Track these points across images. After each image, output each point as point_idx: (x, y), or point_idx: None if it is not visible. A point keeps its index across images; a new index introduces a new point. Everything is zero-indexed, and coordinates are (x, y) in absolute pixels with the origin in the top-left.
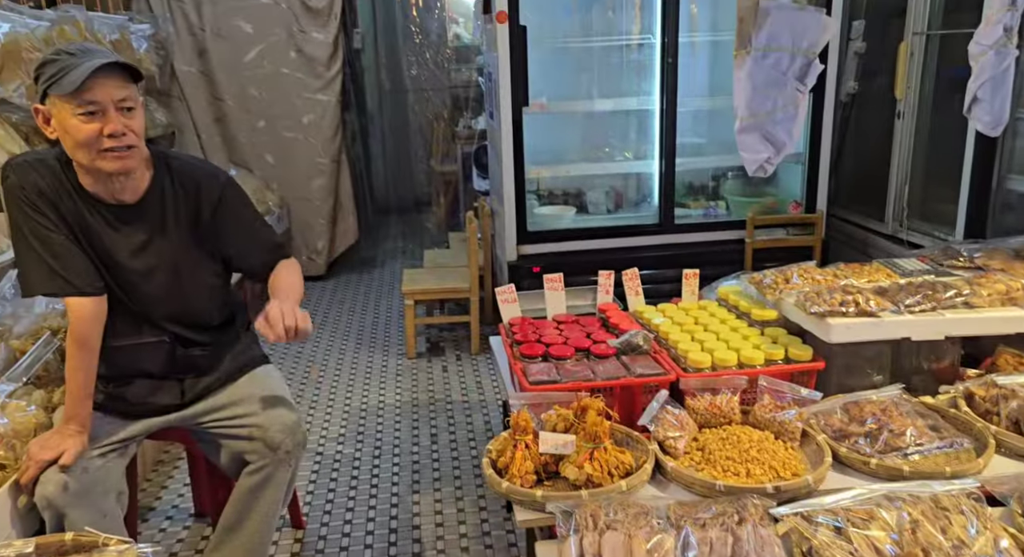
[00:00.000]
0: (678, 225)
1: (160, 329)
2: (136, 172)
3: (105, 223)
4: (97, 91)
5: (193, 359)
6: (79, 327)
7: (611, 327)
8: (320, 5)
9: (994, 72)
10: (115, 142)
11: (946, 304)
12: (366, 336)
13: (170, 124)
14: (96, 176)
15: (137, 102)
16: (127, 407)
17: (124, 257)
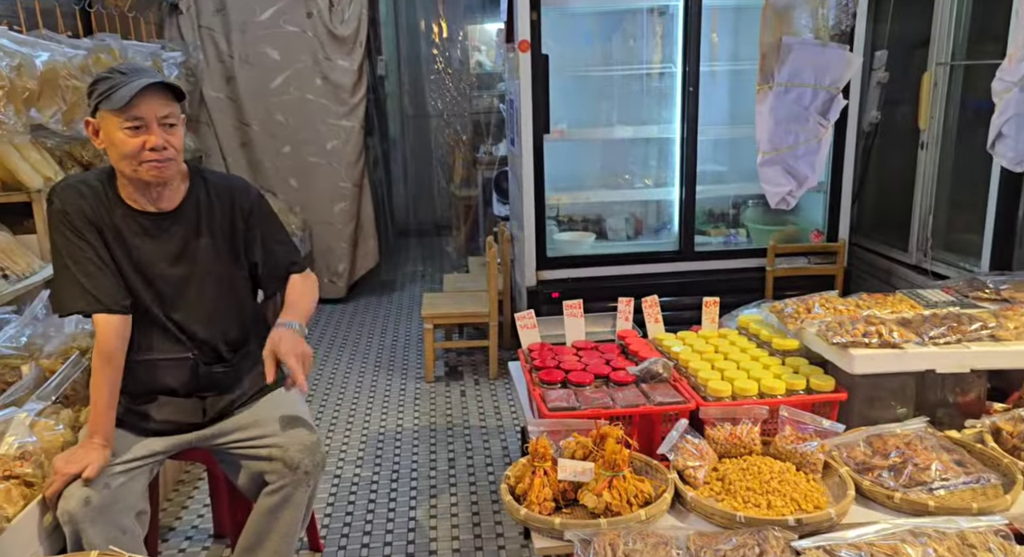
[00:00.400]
0: (698, 252)
1: (184, 346)
2: (173, 183)
3: (143, 232)
4: (143, 107)
5: (215, 377)
6: (105, 343)
7: (630, 354)
8: (346, 33)
9: (1019, 109)
10: (156, 154)
11: (971, 336)
12: (385, 359)
13: (198, 149)
14: (136, 186)
15: (179, 119)
16: (150, 424)
17: (160, 265)
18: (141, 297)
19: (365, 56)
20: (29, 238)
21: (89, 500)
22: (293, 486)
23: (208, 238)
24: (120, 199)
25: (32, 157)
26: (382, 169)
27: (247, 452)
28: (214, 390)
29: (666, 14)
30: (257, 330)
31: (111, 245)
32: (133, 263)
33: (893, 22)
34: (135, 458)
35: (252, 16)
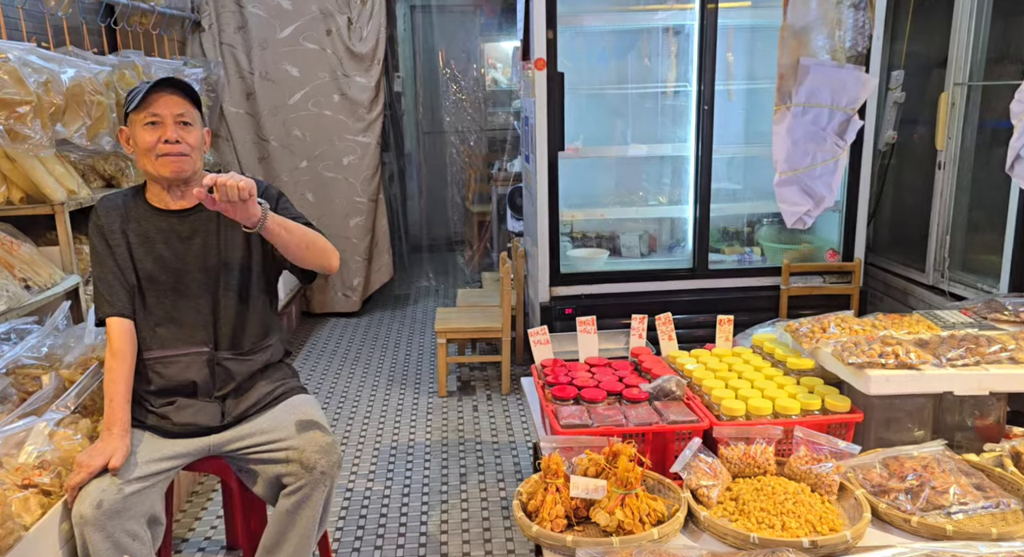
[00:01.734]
0: (712, 270)
1: (201, 339)
2: (193, 182)
3: (169, 228)
4: (159, 105)
5: (231, 372)
6: (118, 342)
7: (643, 372)
8: (364, 50)
9: None
10: (170, 147)
11: (990, 359)
12: (398, 373)
13: (216, 163)
14: (161, 185)
15: (195, 119)
16: (170, 426)
17: (184, 258)
18: (166, 293)
19: (383, 73)
20: (52, 250)
21: (101, 503)
22: (311, 487)
23: (228, 231)
24: (147, 203)
25: (56, 170)
26: (398, 184)
27: (264, 456)
28: (231, 384)
29: (681, 33)
30: (275, 327)
31: (137, 248)
32: (159, 259)
33: (910, 42)
34: (152, 460)
35: (273, 34)
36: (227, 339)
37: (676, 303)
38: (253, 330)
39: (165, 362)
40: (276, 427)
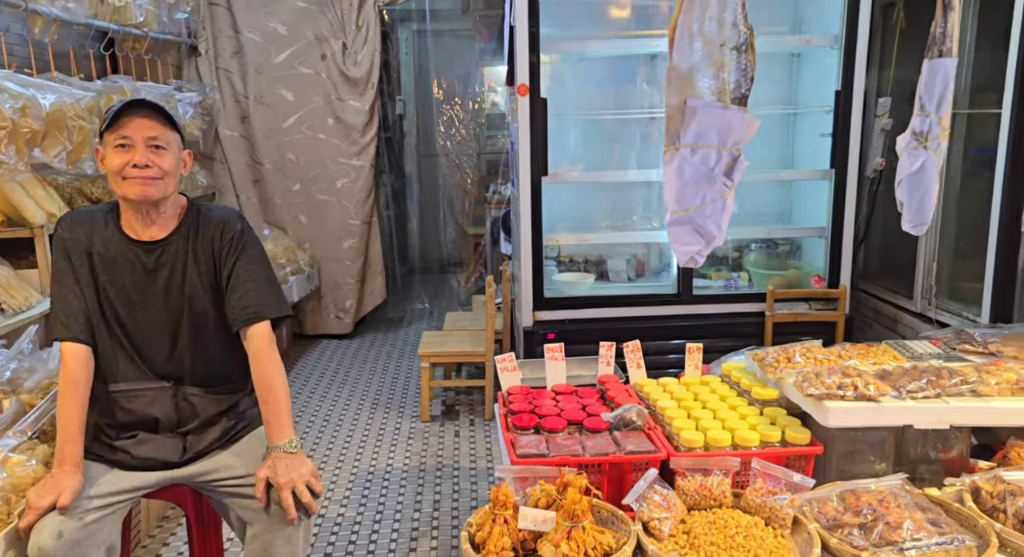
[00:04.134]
0: (696, 296)
1: (166, 374)
2: (164, 208)
3: (135, 259)
4: (130, 127)
5: (195, 407)
6: (73, 371)
7: (608, 400)
8: (358, 75)
9: (908, 172)
10: (138, 172)
11: (951, 391)
12: (383, 397)
13: (211, 185)
14: (132, 209)
15: (170, 143)
16: (128, 460)
17: (147, 295)
18: (126, 325)
19: (377, 97)
20: (30, 273)
21: (62, 534)
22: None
23: (194, 267)
24: (119, 228)
25: (37, 193)
26: (396, 207)
27: (232, 491)
28: (195, 421)
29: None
30: (241, 362)
31: (100, 273)
32: (122, 289)
33: (897, 69)
34: (111, 493)
35: (268, 58)
36: (191, 375)
37: (660, 329)
38: (219, 366)
39: (129, 396)
40: (245, 462)
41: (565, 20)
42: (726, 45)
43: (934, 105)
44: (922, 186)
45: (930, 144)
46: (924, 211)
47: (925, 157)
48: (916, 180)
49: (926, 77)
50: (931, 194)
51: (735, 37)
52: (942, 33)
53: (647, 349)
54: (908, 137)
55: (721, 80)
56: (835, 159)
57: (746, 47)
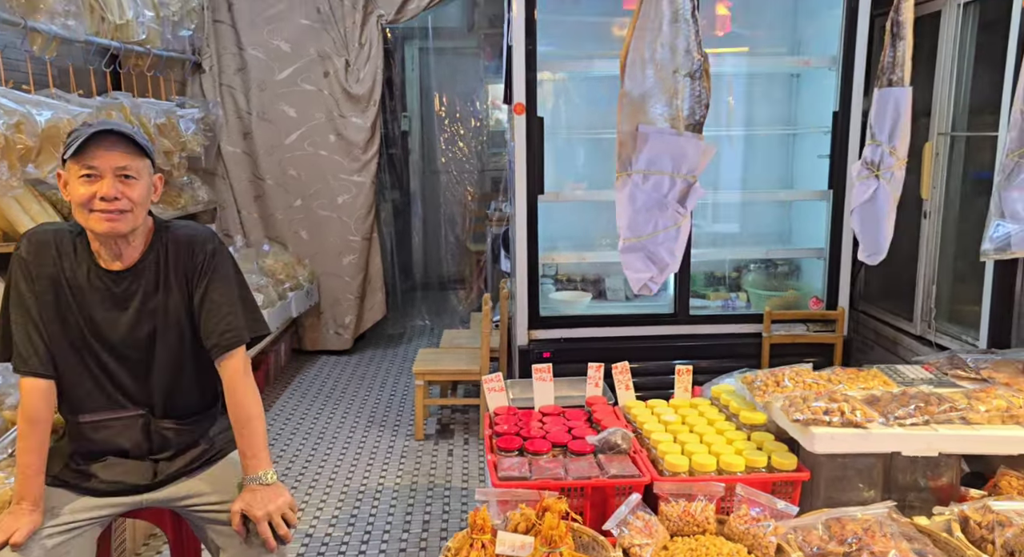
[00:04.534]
0: (693, 316)
1: (137, 403)
2: (132, 239)
3: (104, 289)
4: (98, 157)
5: (167, 436)
6: (32, 408)
7: (595, 422)
8: (361, 92)
9: (859, 201)
10: (106, 204)
11: (940, 418)
12: (379, 415)
13: (212, 201)
14: (99, 240)
15: (140, 172)
16: (95, 484)
17: (118, 323)
18: (98, 356)
19: (379, 114)
20: None
21: None
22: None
23: (165, 294)
24: (89, 253)
25: (32, 209)
26: (399, 222)
27: (208, 517)
28: (169, 450)
29: None
30: (215, 390)
31: (67, 301)
32: (90, 321)
33: None
34: (76, 519)
35: (271, 75)
36: (164, 404)
37: (656, 349)
38: (192, 396)
39: (97, 426)
40: (218, 488)
41: (563, 39)
42: (679, 72)
43: (885, 135)
44: (875, 216)
45: (883, 174)
46: (879, 241)
47: (877, 186)
48: (868, 210)
49: (876, 106)
50: (884, 224)
51: (688, 64)
52: (891, 62)
53: (643, 369)
54: (859, 166)
55: (674, 107)
56: (833, 180)
57: (700, 74)
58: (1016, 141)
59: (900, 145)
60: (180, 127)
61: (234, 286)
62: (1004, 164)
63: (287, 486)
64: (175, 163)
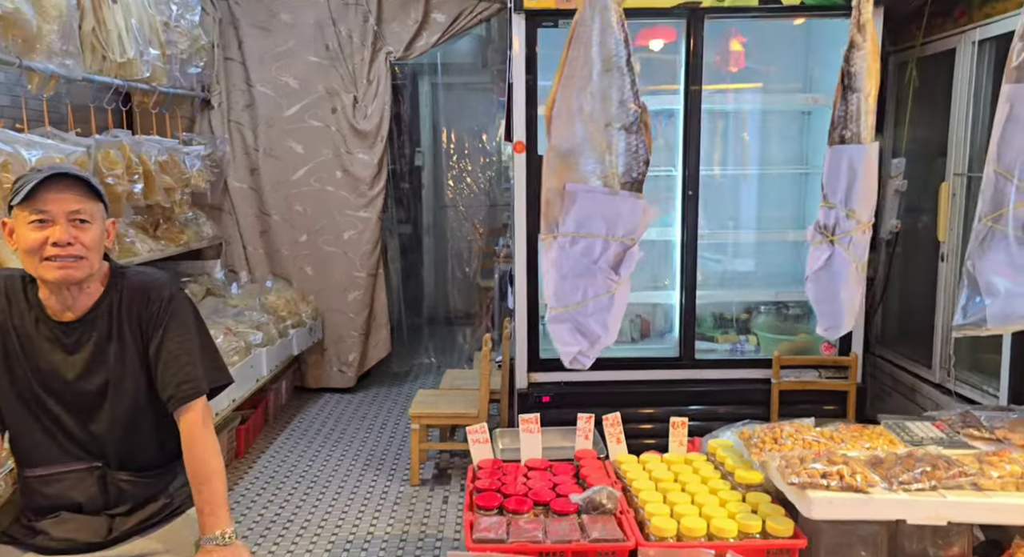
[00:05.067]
0: (698, 360)
1: (92, 455)
2: (87, 286)
3: (55, 340)
4: (49, 202)
5: (125, 489)
6: None
7: (581, 479)
8: (368, 128)
9: (813, 269)
10: (58, 250)
11: (948, 484)
12: (376, 457)
13: (217, 236)
14: (49, 288)
15: (94, 215)
16: (45, 542)
17: (69, 376)
18: (48, 408)
19: (386, 150)
20: None
21: None
22: None
23: (119, 344)
24: (39, 302)
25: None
26: (407, 258)
27: None
28: (126, 504)
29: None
30: (174, 441)
31: (15, 353)
32: (39, 372)
33: (912, 127)
34: None
35: (279, 112)
36: (120, 458)
37: (659, 394)
38: (150, 448)
39: (48, 480)
40: (172, 548)
41: None
42: (612, 125)
43: (839, 196)
44: (832, 285)
45: (839, 239)
46: (837, 313)
47: (832, 253)
48: (824, 278)
49: (828, 165)
50: (843, 294)
51: (623, 116)
52: (842, 117)
53: (645, 416)
54: (812, 230)
55: (608, 163)
56: None
57: (637, 127)
58: (990, 204)
59: (861, 207)
60: (185, 163)
61: (193, 334)
62: (977, 230)
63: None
64: (176, 200)
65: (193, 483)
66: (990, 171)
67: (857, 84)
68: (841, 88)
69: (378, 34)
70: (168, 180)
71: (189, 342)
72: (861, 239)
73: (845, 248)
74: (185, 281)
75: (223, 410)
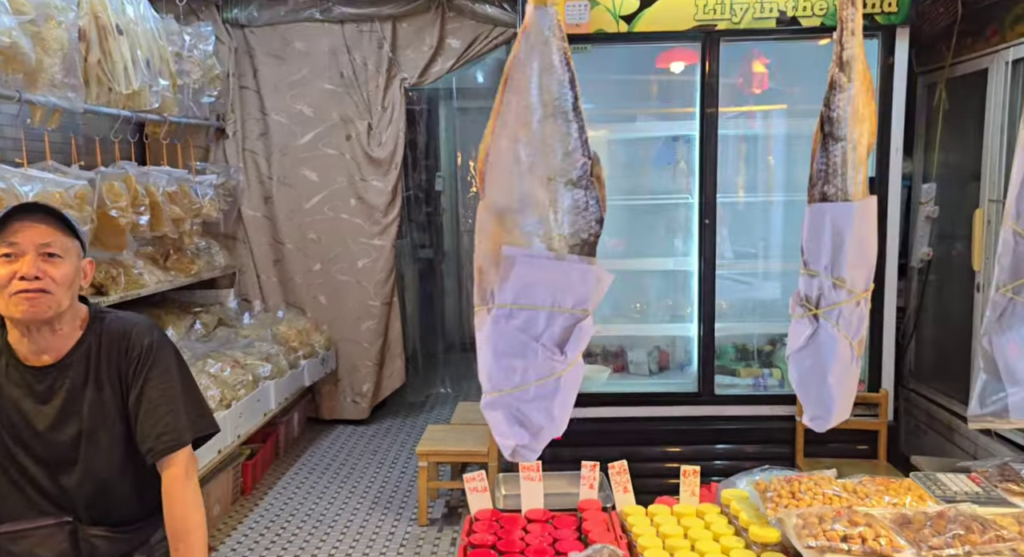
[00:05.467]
0: (719, 396)
1: (62, 509)
2: (58, 327)
3: (25, 386)
4: (19, 234)
5: (98, 546)
6: None
7: (583, 534)
8: (382, 155)
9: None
10: (26, 284)
11: (984, 550)
12: (386, 494)
13: (230, 265)
14: (20, 329)
15: (67, 251)
16: None
17: (40, 426)
18: (17, 459)
19: (400, 177)
20: None
21: None
22: None
23: (95, 392)
24: (8, 346)
25: None
26: (423, 286)
27: None
28: None
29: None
30: (153, 494)
31: None
32: (7, 422)
33: (942, 152)
34: None
35: (293, 140)
36: (94, 513)
37: (677, 432)
38: (129, 502)
39: (15, 537)
40: None
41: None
42: (556, 179)
43: (823, 262)
44: (817, 368)
45: (825, 313)
46: (824, 401)
47: (816, 329)
48: (807, 359)
49: (807, 226)
50: (831, 379)
51: (569, 169)
52: (823, 170)
53: (661, 454)
54: (793, 301)
55: (551, 222)
56: None
57: (587, 182)
58: (1009, 271)
59: (853, 274)
60: (195, 193)
61: (175, 381)
62: (995, 301)
63: None
64: (185, 230)
65: (171, 539)
66: (1008, 232)
67: (840, 132)
68: (821, 136)
69: (393, 61)
70: (177, 210)
71: (171, 390)
72: (855, 312)
73: (833, 323)
74: (197, 311)
75: (227, 447)
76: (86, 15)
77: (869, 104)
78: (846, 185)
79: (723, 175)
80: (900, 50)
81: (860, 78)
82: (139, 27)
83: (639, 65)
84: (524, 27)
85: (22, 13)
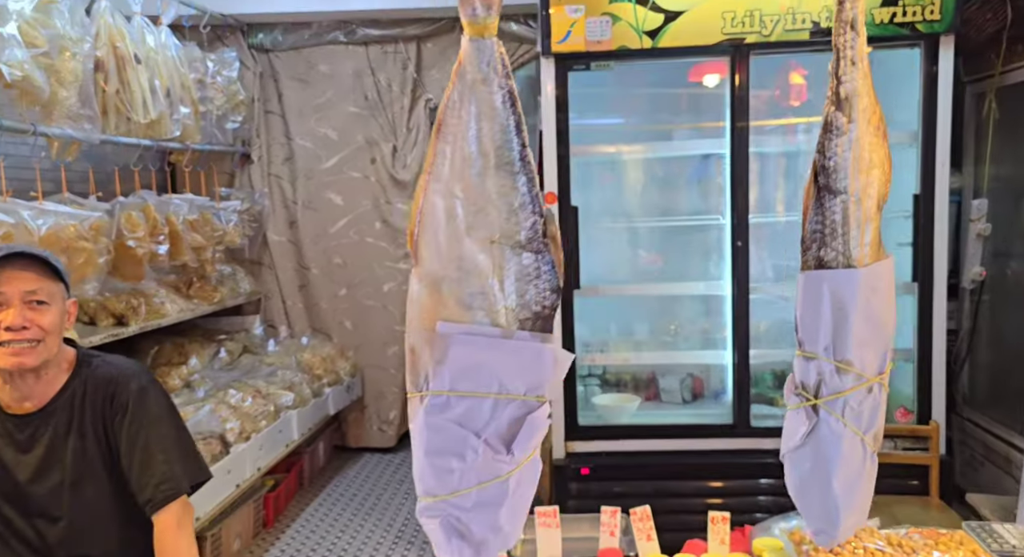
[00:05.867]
0: (755, 428)
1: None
2: (44, 373)
3: (6, 435)
4: (4, 281)
5: None
6: None
7: None
8: (407, 177)
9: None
10: (13, 335)
11: None
12: (410, 528)
13: (255, 291)
14: (3, 377)
15: (52, 296)
16: None
17: (19, 477)
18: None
19: None
20: None
21: None
22: None
23: (78, 440)
24: None
25: None
26: None
27: None
28: None
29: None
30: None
31: None
32: None
33: (993, 165)
34: None
35: (318, 164)
36: None
37: (711, 466)
38: (114, 553)
39: None
40: None
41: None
42: (499, 242)
43: (823, 343)
44: (820, 470)
45: (827, 404)
46: (829, 511)
47: (815, 424)
48: (805, 460)
49: (802, 297)
50: (836, 484)
51: (516, 229)
52: (818, 230)
53: (693, 490)
54: (788, 388)
55: (496, 293)
56: (917, 271)
57: (539, 245)
58: None
59: (862, 354)
60: (220, 220)
61: (168, 428)
62: None
63: None
64: (207, 258)
65: None
66: None
67: (839, 184)
68: (814, 189)
69: (417, 81)
70: (198, 239)
71: (165, 438)
72: (866, 400)
73: (837, 416)
74: (222, 338)
75: (247, 480)
76: (104, 45)
77: (879, 148)
78: (848, 248)
79: (762, 192)
80: (944, 59)
81: (865, 117)
82: (159, 56)
83: (670, 79)
84: (458, 64)
85: (35, 46)
